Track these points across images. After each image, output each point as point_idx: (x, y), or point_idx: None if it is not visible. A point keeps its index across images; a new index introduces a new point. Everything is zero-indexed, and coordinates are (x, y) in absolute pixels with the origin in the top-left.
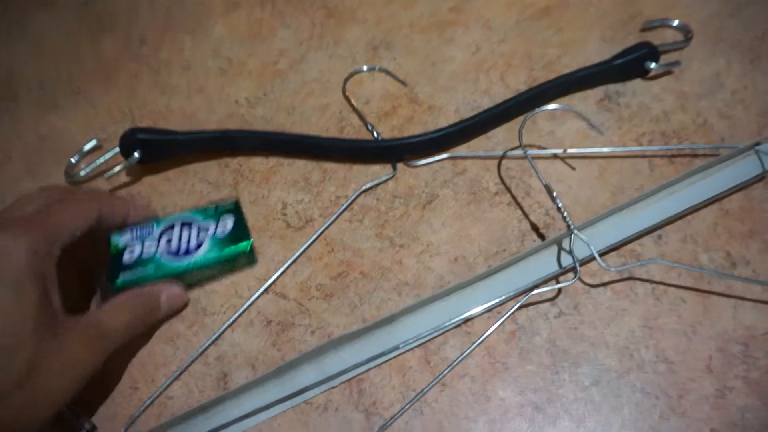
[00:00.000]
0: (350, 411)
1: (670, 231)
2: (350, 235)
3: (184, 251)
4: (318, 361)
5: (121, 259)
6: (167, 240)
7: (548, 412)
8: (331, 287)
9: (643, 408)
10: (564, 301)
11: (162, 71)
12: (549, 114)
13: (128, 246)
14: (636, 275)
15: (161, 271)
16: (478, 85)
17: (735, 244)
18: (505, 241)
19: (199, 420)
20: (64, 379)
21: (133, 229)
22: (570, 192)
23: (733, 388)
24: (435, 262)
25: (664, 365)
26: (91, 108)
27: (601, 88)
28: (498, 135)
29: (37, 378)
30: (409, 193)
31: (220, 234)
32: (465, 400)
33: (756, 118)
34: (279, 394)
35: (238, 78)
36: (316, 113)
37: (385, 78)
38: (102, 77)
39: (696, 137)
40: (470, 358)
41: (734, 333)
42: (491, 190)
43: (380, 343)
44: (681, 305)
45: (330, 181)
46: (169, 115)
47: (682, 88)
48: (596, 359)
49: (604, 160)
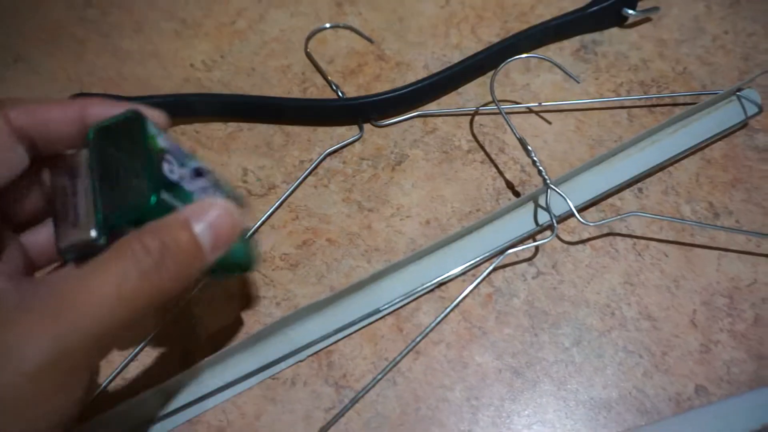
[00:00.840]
0: (319, 384)
1: (650, 183)
2: (315, 200)
3: None
4: (283, 333)
5: (161, 167)
6: (201, 188)
7: (528, 376)
8: (297, 256)
9: (626, 367)
10: (542, 261)
11: (112, 35)
12: (523, 66)
13: (168, 154)
14: (616, 230)
15: None
16: (448, 40)
17: (718, 194)
18: (479, 201)
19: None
20: (10, 382)
21: (167, 140)
22: (546, 147)
23: (718, 342)
24: (406, 225)
25: (647, 322)
26: (34, 75)
27: (576, 38)
28: (470, 91)
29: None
30: (377, 154)
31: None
32: (441, 368)
33: (737, 63)
34: (243, 370)
35: (193, 40)
36: (277, 74)
37: (351, 35)
38: (44, 42)
39: (676, 85)
40: (445, 323)
41: (718, 286)
42: (464, 148)
43: (349, 312)
44: (663, 260)
45: (293, 145)
46: (122, 81)
47: (660, 35)
48: (577, 319)
49: (581, 113)
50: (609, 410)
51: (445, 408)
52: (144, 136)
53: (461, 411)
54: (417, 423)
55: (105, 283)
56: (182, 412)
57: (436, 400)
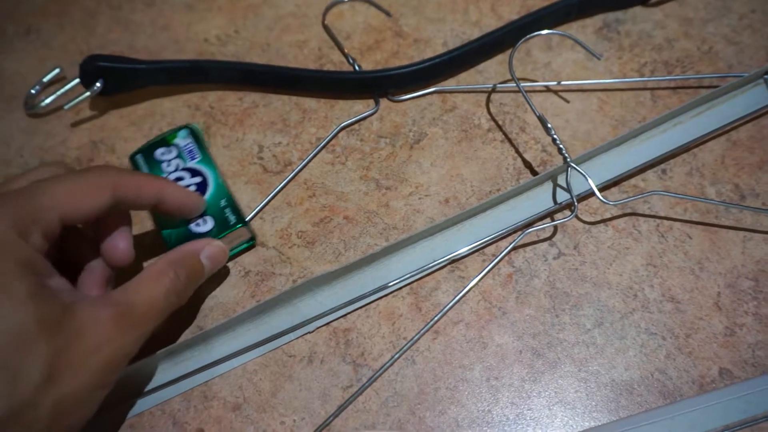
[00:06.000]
0: (337, 362)
1: (675, 164)
2: (333, 178)
3: None
4: (292, 304)
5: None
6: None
7: (548, 357)
8: (314, 234)
9: (648, 349)
10: (563, 242)
11: (123, 7)
12: (545, 45)
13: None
14: (639, 211)
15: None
16: (467, 16)
17: (744, 175)
18: (499, 180)
19: (167, 365)
20: (91, 371)
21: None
22: (568, 126)
23: (743, 325)
24: (425, 204)
25: (670, 304)
26: (45, 48)
27: (599, 16)
28: (490, 69)
29: (59, 380)
30: (396, 132)
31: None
32: (460, 348)
33: (765, 42)
34: (250, 340)
35: (207, 14)
36: (293, 50)
37: (368, 10)
38: (56, 14)
39: (701, 65)
40: (464, 303)
41: (743, 268)
42: (483, 127)
43: (359, 286)
44: (687, 241)
45: (310, 121)
46: (133, 54)
47: (686, 14)
48: (599, 300)
49: (604, 93)
50: (630, 392)
51: (464, 388)
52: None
53: (480, 391)
54: (436, 403)
55: (158, 296)
56: (188, 379)
57: (455, 380)
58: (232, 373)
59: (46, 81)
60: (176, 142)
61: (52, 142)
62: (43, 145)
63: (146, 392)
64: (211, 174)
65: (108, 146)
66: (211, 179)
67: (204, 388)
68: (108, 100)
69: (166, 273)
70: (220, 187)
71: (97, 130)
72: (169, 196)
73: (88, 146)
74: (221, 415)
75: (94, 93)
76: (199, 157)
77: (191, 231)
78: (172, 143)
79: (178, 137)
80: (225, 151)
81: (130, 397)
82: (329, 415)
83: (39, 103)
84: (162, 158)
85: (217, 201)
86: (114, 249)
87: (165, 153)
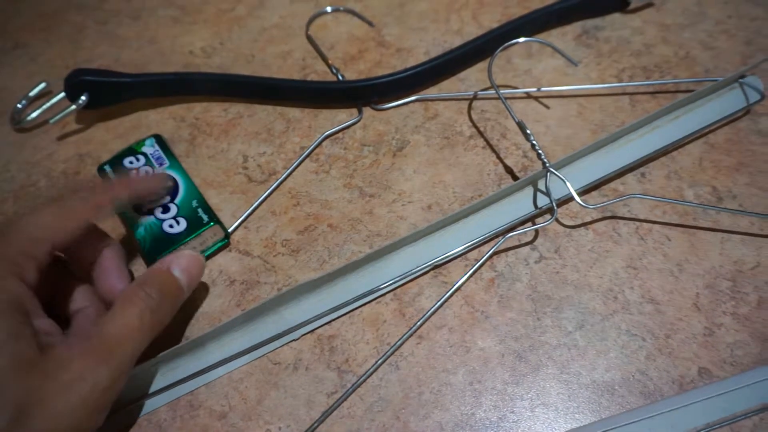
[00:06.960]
0: (322, 369)
1: (653, 168)
2: (317, 186)
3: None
4: (277, 312)
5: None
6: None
7: (530, 360)
8: (298, 242)
9: (629, 350)
10: (544, 246)
11: (109, 21)
12: (525, 52)
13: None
14: (618, 214)
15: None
16: (449, 25)
17: (721, 178)
18: (481, 186)
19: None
20: (66, 411)
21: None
22: (549, 132)
23: (722, 325)
24: (408, 210)
25: (650, 305)
26: (32, 63)
27: (579, 24)
28: (471, 77)
29: (29, 422)
30: (379, 140)
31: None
32: (443, 352)
33: (740, 48)
34: (236, 348)
35: (192, 27)
36: (277, 61)
37: (351, 21)
38: (43, 29)
39: (679, 70)
40: (447, 308)
41: (722, 269)
42: (465, 134)
43: (344, 293)
44: (666, 243)
45: (294, 131)
46: (120, 68)
47: (663, 20)
48: (580, 303)
49: (583, 99)
50: (612, 393)
51: (447, 392)
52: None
53: (464, 395)
54: (420, 407)
55: (131, 320)
56: (174, 389)
57: (438, 384)
58: (218, 382)
59: (33, 95)
60: (144, 150)
61: (39, 156)
62: (30, 159)
63: (132, 403)
64: (180, 178)
65: (94, 159)
66: (182, 182)
67: (190, 397)
68: (94, 114)
69: (135, 294)
70: (190, 189)
71: (83, 143)
72: (140, 188)
73: (75, 159)
74: (207, 424)
75: (79, 107)
76: (167, 163)
77: (165, 232)
78: (139, 152)
79: (146, 146)
80: (210, 162)
81: (117, 409)
82: (314, 421)
83: (25, 117)
84: (131, 166)
85: (188, 202)
86: (112, 290)
87: (133, 161)
